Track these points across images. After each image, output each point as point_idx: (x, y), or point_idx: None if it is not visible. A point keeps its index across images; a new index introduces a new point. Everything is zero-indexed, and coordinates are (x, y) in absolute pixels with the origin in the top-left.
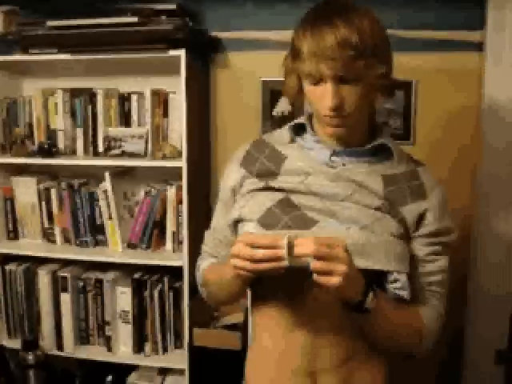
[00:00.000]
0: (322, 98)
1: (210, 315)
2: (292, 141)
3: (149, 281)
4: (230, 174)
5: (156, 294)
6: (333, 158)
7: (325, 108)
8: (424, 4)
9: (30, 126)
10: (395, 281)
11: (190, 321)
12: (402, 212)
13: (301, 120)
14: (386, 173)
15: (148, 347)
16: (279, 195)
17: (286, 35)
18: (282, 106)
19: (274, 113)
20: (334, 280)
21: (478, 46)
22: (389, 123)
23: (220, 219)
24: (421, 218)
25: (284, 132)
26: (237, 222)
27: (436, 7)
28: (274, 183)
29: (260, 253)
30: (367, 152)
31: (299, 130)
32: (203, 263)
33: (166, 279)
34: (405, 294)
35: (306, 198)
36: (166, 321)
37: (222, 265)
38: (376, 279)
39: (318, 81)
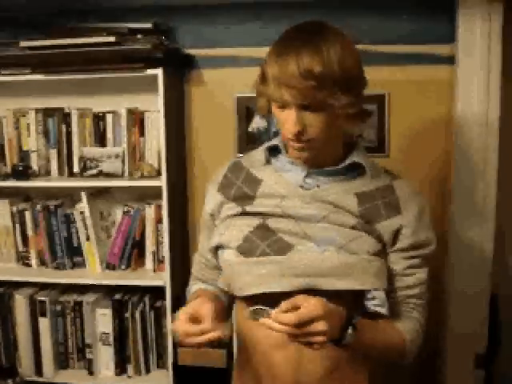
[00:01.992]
0: (285, 122)
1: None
2: (267, 162)
3: (129, 301)
4: (209, 199)
5: (137, 315)
6: (307, 180)
7: (288, 132)
8: (395, 18)
9: (2, 147)
10: (373, 298)
11: (174, 340)
12: (377, 229)
13: (275, 142)
14: (360, 190)
15: (130, 369)
16: (256, 220)
17: (259, 52)
18: (258, 122)
19: (250, 129)
20: (318, 340)
21: (449, 60)
22: (363, 135)
23: (204, 243)
24: (397, 233)
25: (259, 153)
26: (218, 248)
27: (407, 21)
28: (250, 208)
29: (190, 330)
30: (341, 171)
31: (274, 151)
32: (191, 288)
33: (146, 299)
34: (383, 310)
35: (282, 221)
36: (148, 341)
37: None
38: (354, 297)
39: (282, 106)
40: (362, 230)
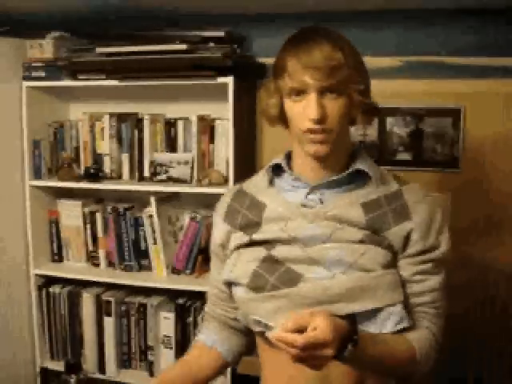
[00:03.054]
0: (304, 111)
1: (253, 342)
2: (270, 183)
3: (192, 306)
4: (217, 230)
5: (199, 320)
6: (309, 197)
7: (307, 121)
8: (474, 31)
9: (77, 150)
10: (390, 315)
11: None
12: (387, 237)
13: (277, 160)
14: (367, 199)
15: None
16: (263, 251)
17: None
18: None
19: None
20: (322, 363)
21: None
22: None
23: (215, 275)
24: (407, 238)
25: (261, 176)
26: (230, 283)
27: (486, 33)
28: (257, 235)
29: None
30: (344, 180)
31: (278, 170)
32: (197, 336)
33: None
34: (405, 324)
35: (288, 248)
36: None
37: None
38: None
39: (300, 94)
40: (370, 243)
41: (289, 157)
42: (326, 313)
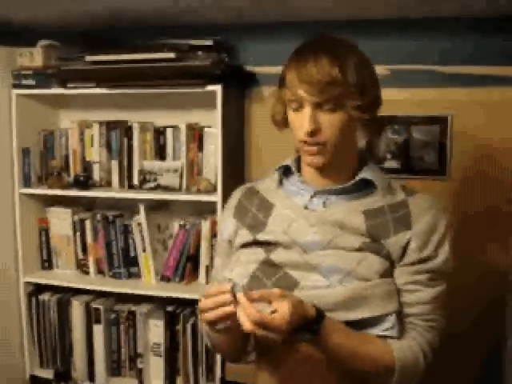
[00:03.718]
0: (300, 123)
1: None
2: (280, 183)
3: (182, 314)
4: (225, 226)
5: (189, 328)
6: (313, 200)
7: (302, 133)
8: (464, 39)
9: (66, 157)
10: (382, 321)
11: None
12: (386, 246)
13: (287, 162)
14: (370, 207)
15: (180, 380)
16: (263, 253)
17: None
18: None
19: None
20: (276, 336)
21: None
22: (423, 158)
23: (219, 271)
24: (405, 248)
25: (272, 177)
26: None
27: (474, 42)
28: (261, 236)
29: (208, 301)
30: (349, 189)
31: (287, 172)
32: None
33: (199, 313)
34: (394, 332)
35: (287, 253)
36: (199, 354)
37: None
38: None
39: (298, 107)
40: (368, 250)
41: (298, 160)
42: (296, 299)
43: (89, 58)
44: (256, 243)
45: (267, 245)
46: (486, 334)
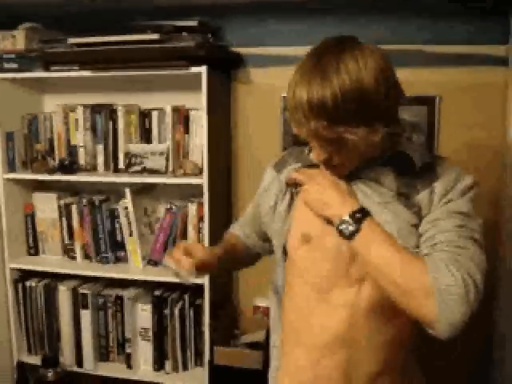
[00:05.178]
0: (313, 149)
1: (230, 333)
2: None
3: (169, 298)
4: (265, 177)
5: (177, 312)
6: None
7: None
8: (449, 19)
9: (51, 141)
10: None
11: (211, 339)
12: (416, 202)
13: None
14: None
15: (168, 365)
16: None
17: (308, 51)
18: None
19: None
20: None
21: (503, 61)
22: (412, 138)
23: (243, 218)
24: (431, 197)
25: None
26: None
27: (461, 22)
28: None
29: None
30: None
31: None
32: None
33: (186, 297)
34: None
35: None
36: (187, 338)
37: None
38: None
39: None
40: (397, 202)
41: None
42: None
43: (72, 41)
44: None
45: None
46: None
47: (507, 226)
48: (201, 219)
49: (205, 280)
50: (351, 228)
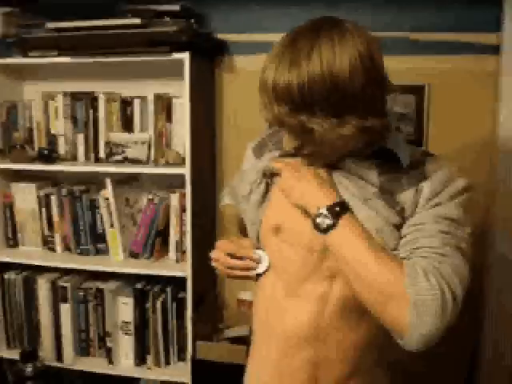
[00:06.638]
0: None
1: (213, 327)
2: None
3: (151, 291)
4: (246, 159)
5: (159, 305)
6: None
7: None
8: (439, 6)
9: (30, 130)
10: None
11: (194, 333)
12: (400, 201)
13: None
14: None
15: (150, 360)
16: None
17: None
18: None
19: None
20: None
21: (495, 49)
22: (400, 128)
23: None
24: (417, 198)
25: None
26: None
27: (451, 9)
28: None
29: (236, 263)
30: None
31: None
32: (224, 198)
33: (168, 290)
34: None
35: None
36: (169, 333)
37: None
38: None
39: None
40: (379, 199)
41: None
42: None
43: (50, 25)
44: None
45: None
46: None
47: (498, 214)
48: (184, 210)
49: (188, 272)
50: (328, 222)
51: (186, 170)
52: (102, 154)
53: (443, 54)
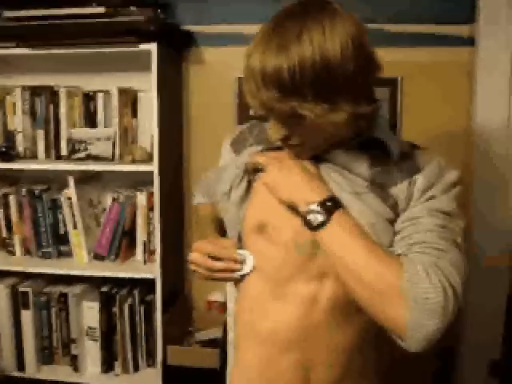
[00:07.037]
0: (270, 126)
1: (183, 330)
2: None
3: (118, 294)
4: (223, 154)
5: (126, 309)
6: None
7: (273, 138)
8: None
9: None
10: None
11: (164, 337)
12: (393, 194)
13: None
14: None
15: (118, 366)
16: None
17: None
18: None
19: (252, 112)
20: None
21: (468, 41)
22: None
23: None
24: (411, 191)
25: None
26: None
27: (425, 1)
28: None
29: (218, 265)
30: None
31: None
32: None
33: (136, 292)
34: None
35: None
36: (137, 337)
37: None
38: None
39: None
40: (371, 193)
41: None
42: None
43: (7, 14)
44: None
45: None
46: None
47: (476, 206)
48: (151, 209)
49: (157, 274)
50: (320, 218)
51: (154, 168)
52: (63, 152)
53: (417, 45)
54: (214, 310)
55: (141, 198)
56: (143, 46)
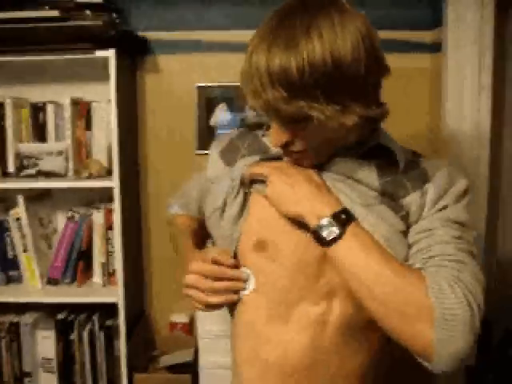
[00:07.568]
0: (271, 131)
1: (147, 356)
2: None
3: (76, 321)
4: (211, 164)
5: (85, 336)
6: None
7: (273, 144)
8: (374, 4)
9: None
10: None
11: (128, 364)
12: (404, 205)
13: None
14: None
15: None
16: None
17: (224, 36)
18: (220, 115)
19: (212, 122)
20: None
21: (430, 47)
22: None
23: (193, 193)
24: (423, 201)
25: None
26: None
27: (385, 6)
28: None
29: (222, 285)
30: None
31: None
32: (173, 207)
33: (95, 318)
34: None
35: None
36: (98, 366)
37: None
38: None
39: None
40: (382, 204)
41: None
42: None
43: None
44: None
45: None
46: None
47: None
48: (109, 228)
49: (119, 297)
50: (335, 232)
51: (114, 183)
52: (10, 168)
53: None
54: (177, 331)
55: (97, 216)
56: (100, 53)
